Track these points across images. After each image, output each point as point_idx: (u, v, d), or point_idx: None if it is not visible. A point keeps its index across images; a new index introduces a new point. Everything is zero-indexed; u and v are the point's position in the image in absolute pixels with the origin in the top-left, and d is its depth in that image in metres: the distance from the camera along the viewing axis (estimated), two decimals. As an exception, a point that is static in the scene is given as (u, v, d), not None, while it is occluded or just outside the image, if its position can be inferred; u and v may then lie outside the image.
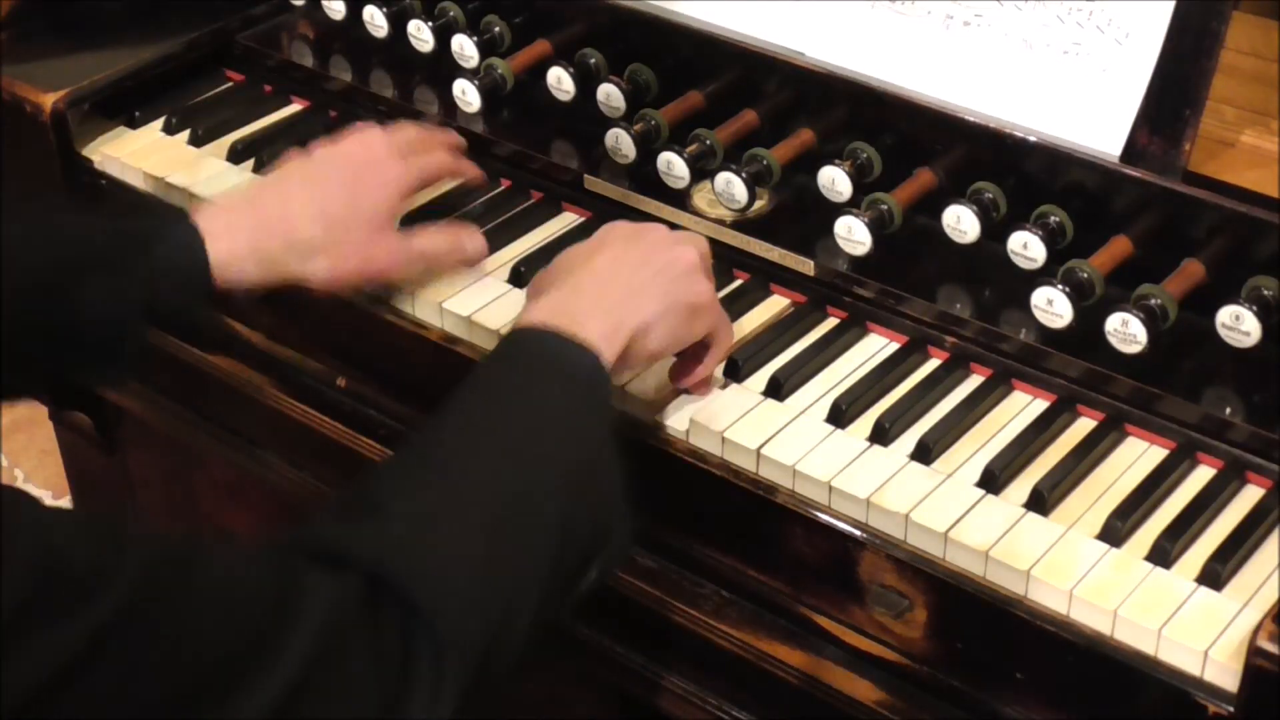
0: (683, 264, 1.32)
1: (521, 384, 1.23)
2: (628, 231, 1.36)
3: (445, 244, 1.49)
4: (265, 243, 1.39)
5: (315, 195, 1.42)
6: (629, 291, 1.29)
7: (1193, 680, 1.16)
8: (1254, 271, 1.32)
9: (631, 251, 1.33)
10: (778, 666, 1.35)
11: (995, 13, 1.46)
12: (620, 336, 1.26)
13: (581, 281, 1.30)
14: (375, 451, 1.56)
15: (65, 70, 1.74)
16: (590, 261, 1.32)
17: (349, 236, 1.41)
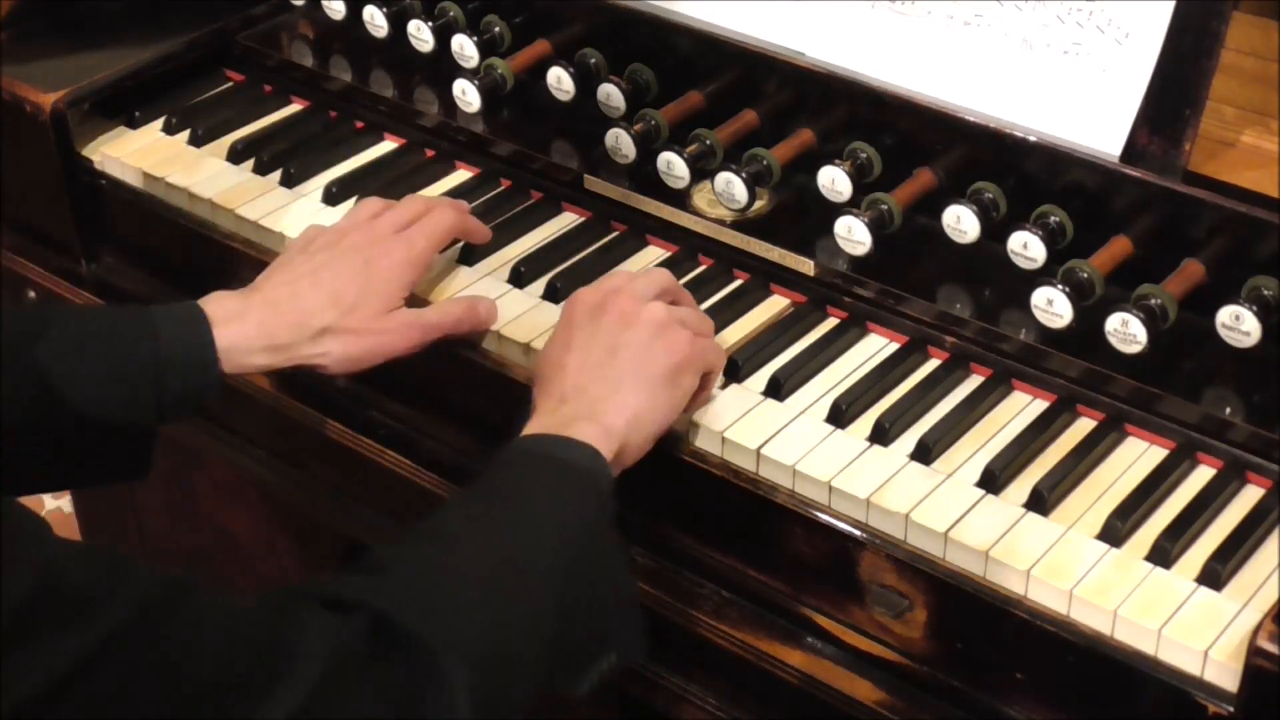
0: (649, 331, 1.32)
1: (519, 477, 1.24)
2: (588, 308, 1.35)
3: (456, 315, 1.45)
4: (275, 330, 1.37)
5: (324, 281, 1.40)
6: (608, 390, 1.29)
7: (1193, 680, 1.16)
8: (1254, 271, 1.32)
9: (596, 338, 1.32)
10: (778, 666, 1.35)
11: (995, 13, 1.46)
12: (613, 437, 1.27)
13: (563, 392, 1.30)
14: (375, 451, 1.56)
15: (65, 70, 1.74)
16: (563, 366, 1.32)
17: (361, 320, 1.39)
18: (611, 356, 1.31)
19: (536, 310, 1.49)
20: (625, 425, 1.28)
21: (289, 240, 1.58)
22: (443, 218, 1.49)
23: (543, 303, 1.50)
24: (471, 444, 1.52)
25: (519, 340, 1.45)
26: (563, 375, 1.31)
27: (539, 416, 1.30)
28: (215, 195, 1.65)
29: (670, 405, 1.32)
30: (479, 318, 1.46)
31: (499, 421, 1.50)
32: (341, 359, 1.40)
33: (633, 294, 1.35)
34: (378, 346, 1.40)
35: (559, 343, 1.34)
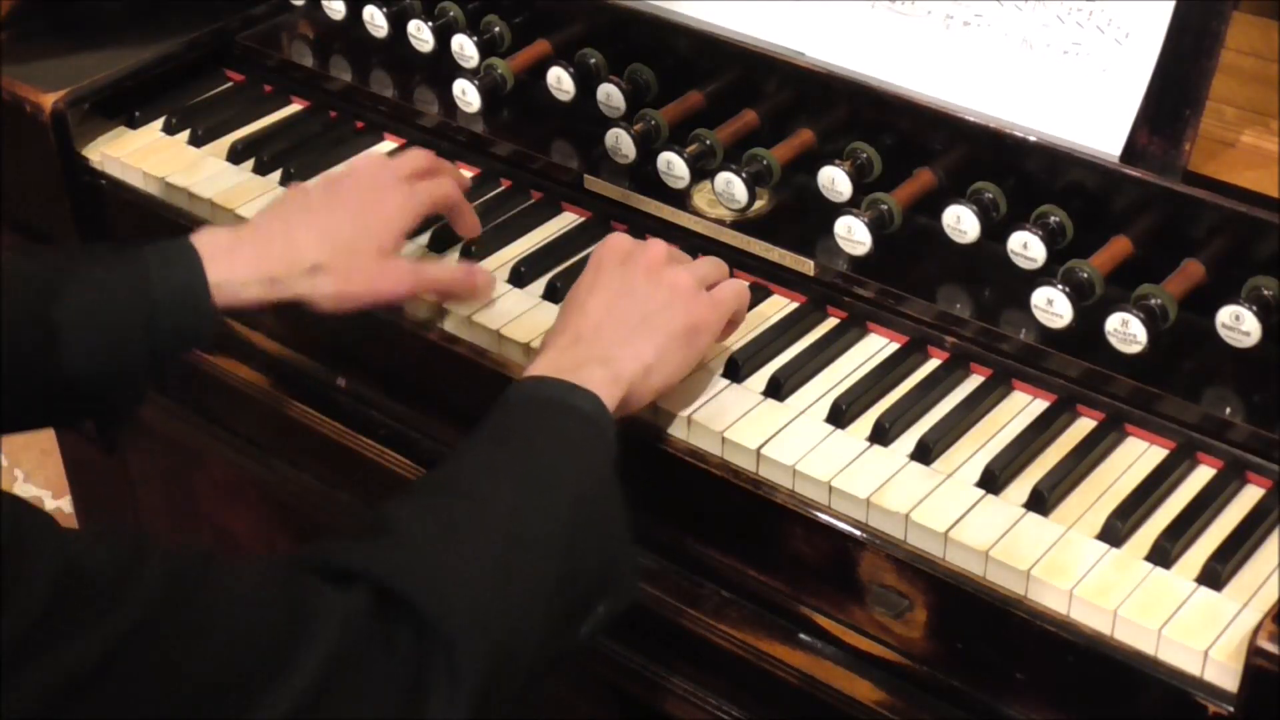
0: (673, 289, 1.34)
1: (526, 424, 1.25)
2: (619, 255, 1.37)
3: (452, 274, 1.48)
4: (268, 263, 1.38)
5: (319, 219, 1.41)
6: (624, 336, 1.31)
7: (1193, 680, 1.16)
8: (1254, 271, 1.32)
9: (623, 285, 1.34)
10: (778, 666, 1.35)
11: (995, 13, 1.46)
12: (620, 384, 1.28)
13: (580, 331, 1.31)
14: (375, 451, 1.56)
15: (65, 70, 1.74)
16: (584, 306, 1.33)
17: (355, 259, 1.40)
18: (632, 304, 1.33)
19: (536, 310, 1.49)
20: (634, 374, 1.29)
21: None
22: (447, 186, 1.51)
23: (543, 303, 1.50)
24: (471, 444, 1.52)
25: (519, 340, 1.45)
26: (582, 315, 1.33)
27: (550, 352, 1.30)
28: (215, 195, 1.65)
29: (681, 363, 1.33)
30: (474, 284, 1.48)
31: (499, 421, 1.50)
32: (333, 296, 1.40)
33: (665, 250, 1.38)
34: (369, 287, 1.41)
35: (585, 282, 1.36)
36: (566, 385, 1.26)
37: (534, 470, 1.20)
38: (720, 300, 1.37)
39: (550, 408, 1.25)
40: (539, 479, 1.20)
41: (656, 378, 1.32)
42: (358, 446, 1.58)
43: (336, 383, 1.61)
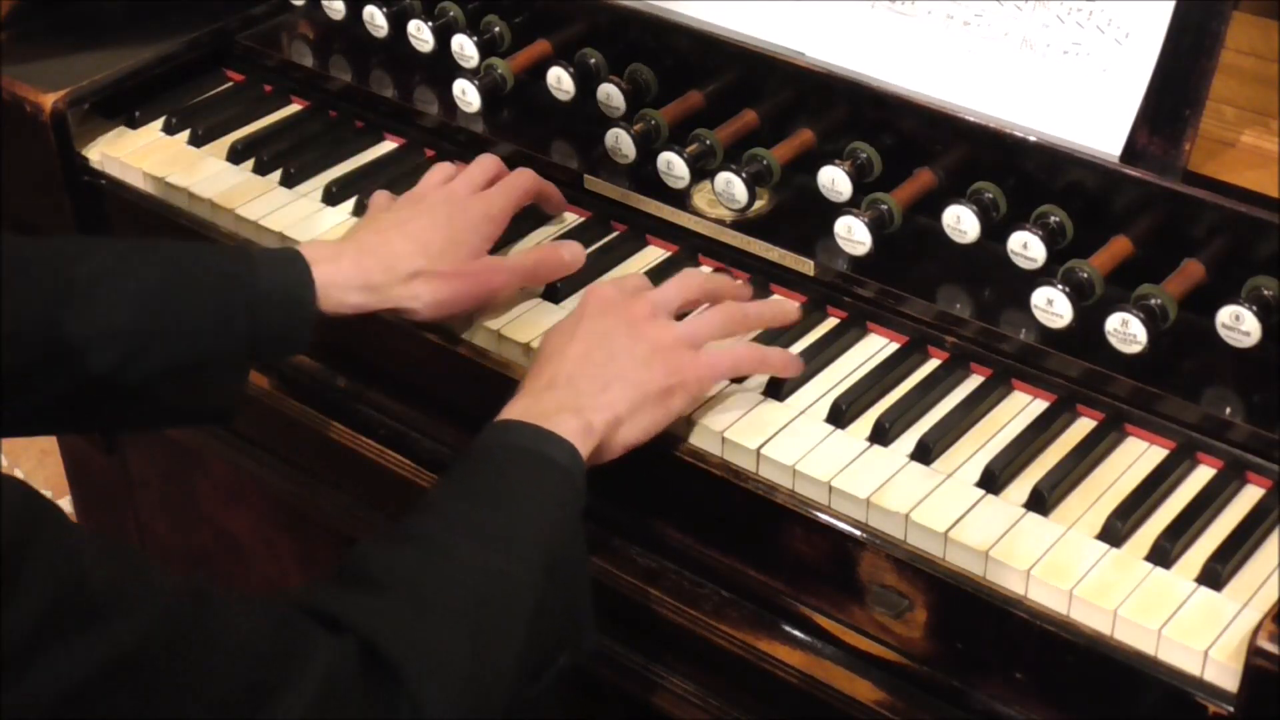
0: (653, 345, 1.33)
1: (501, 473, 1.26)
2: (604, 304, 1.37)
3: (538, 257, 1.50)
4: (369, 269, 1.42)
5: (412, 231, 1.45)
6: (598, 387, 1.31)
7: (1193, 680, 1.16)
8: (1254, 271, 1.32)
9: (603, 336, 1.34)
10: (778, 666, 1.35)
11: (995, 13, 1.46)
12: (593, 435, 1.28)
13: (554, 377, 1.31)
14: (375, 451, 1.56)
15: (65, 70, 1.74)
16: (563, 352, 1.33)
17: (448, 265, 1.44)
18: (610, 357, 1.32)
19: (536, 310, 1.49)
20: (605, 426, 1.29)
21: (288, 239, 1.59)
22: (521, 179, 1.55)
23: (543, 303, 1.50)
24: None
25: (519, 340, 1.45)
26: (559, 361, 1.33)
27: (523, 398, 1.31)
28: (215, 195, 1.65)
29: (653, 422, 1.33)
30: (561, 259, 1.50)
31: (499, 421, 1.50)
32: (431, 302, 1.44)
33: (651, 302, 1.38)
34: (465, 289, 1.45)
35: (565, 328, 1.37)
36: (541, 432, 1.26)
37: (510, 527, 1.21)
38: (709, 364, 1.35)
39: (525, 457, 1.25)
40: (515, 536, 1.21)
41: (627, 432, 1.31)
42: (358, 446, 1.58)
43: (336, 383, 1.61)
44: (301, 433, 1.63)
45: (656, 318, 1.37)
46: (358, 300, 1.42)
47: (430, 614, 1.14)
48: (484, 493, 1.24)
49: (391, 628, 1.12)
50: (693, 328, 1.38)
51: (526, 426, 1.27)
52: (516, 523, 1.22)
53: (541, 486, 1.25)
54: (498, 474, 1.25)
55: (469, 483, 1.26)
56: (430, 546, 1.19)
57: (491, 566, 1.18)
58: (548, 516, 1.23)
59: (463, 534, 1.20)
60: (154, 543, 2.13)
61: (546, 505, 1.24)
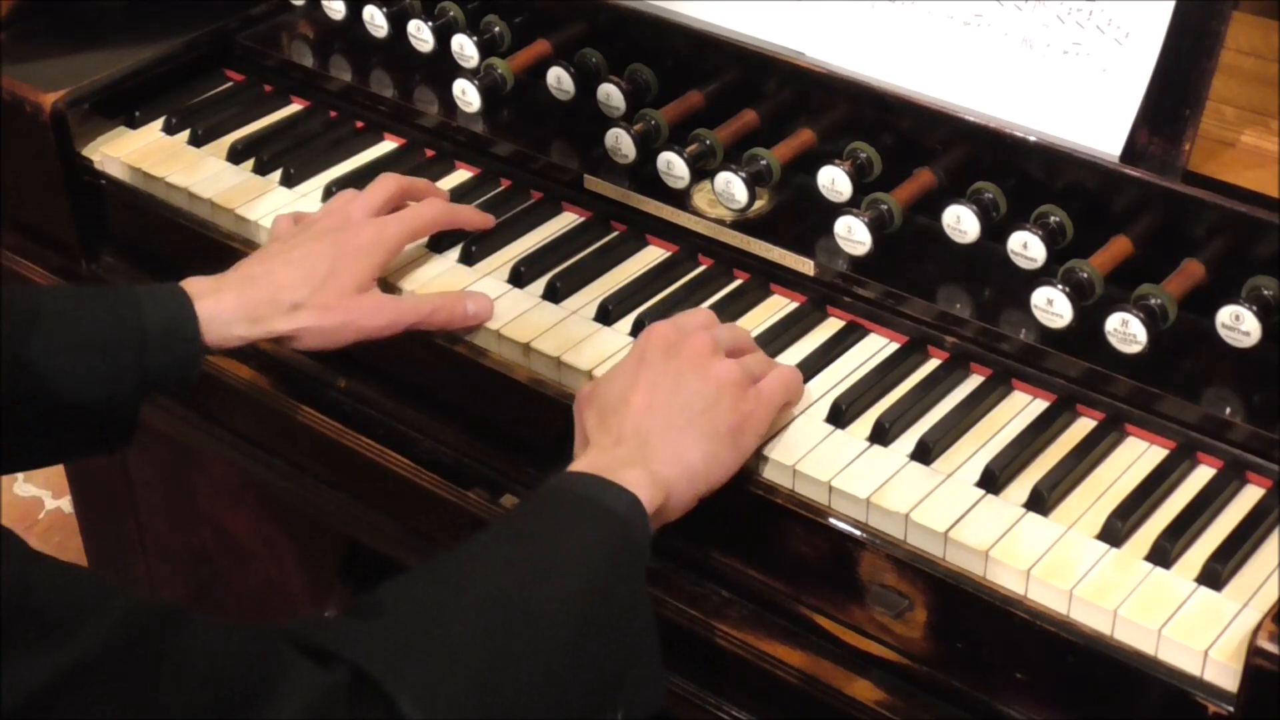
0: (720, 384, 1.30)
1: (549, 518, 1.21)
2: (664, 345, 1.32)
3: (434, 305, 1.47)
4: (251, 302, 1.42)
5: (296, 259, 1.45)
6: (671, 437, 1.26)
7: (1193, 680, 1.16)
8: (1254, 271, 1.32)
9: (669, 381, 1.29)
10: (778, 666, 1.35)
11: (995, 13, 1.46)
12: (660, 488, 1.24)
13: (622, 432, 1.27)
14: (375, 451, 1.56)
15: (65, 70, 1.74)
16: (629, 403, 1.29)
17: (332, 296, 1.43)
18: (677, 402, 1.28)
19: (536, 310, 1.49)
20: (676, 476, 1.25)
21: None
22: (425, 210, 1.54)
23: (543, 303, 1.50)
24: (471, 444, 1.52)
25: (519, 340, 1.45)
26: (625, 412, 1.28)
27: (592, 454, 1.27)
28: (215, 195, 1.65)
29: (727, 464, 1.29)
30: (461, 312, 1.47)
31: (499, 421, 1.50)
32: (315, 332, 1.43)
33: (712, 340, 1.34)
34: (349, 322, 1.44)
35: (627, 375, 1.32)
36: (603, 483, 1.22)
37: (549, 563, 1.16)
38: (768, 396, 1.32)
39: (580, 505, 1.21)
40: (549, 576, 1.15)
41: (700, 479, 1.27)
42: (358, 446, 1.58)
43: (336, 383, 1.61)
44: (301, 433, 1.63)
45: (718, 354, 1.33)
46: (242, 332, 1.42)
47: (432, 641, 1.09)
48: (524, 534, 1.20)
49: (385, 654, 1.06)
50: (749, 363, 1.34)
51: (589, 477, 1.22)
52: (553, 564, 1.16)
53: (590, 533, 1.19)
54: (543, 518, 1.21)
55: (512, 525, 1.22)
56: (447, 578, 1.15)
57: (513, 601, 1.13)
58: (591, 563, 1.17)
59: (489, 569, 1.15)
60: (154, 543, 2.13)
61: (592, 551, 1.18)
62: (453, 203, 1.59)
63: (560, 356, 1.43)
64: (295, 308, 1.43)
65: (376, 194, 1.53)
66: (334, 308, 1.43)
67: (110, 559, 2.24)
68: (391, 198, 1.53)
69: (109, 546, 2.22)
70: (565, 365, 1.43)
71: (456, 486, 1.51)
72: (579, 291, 1.51)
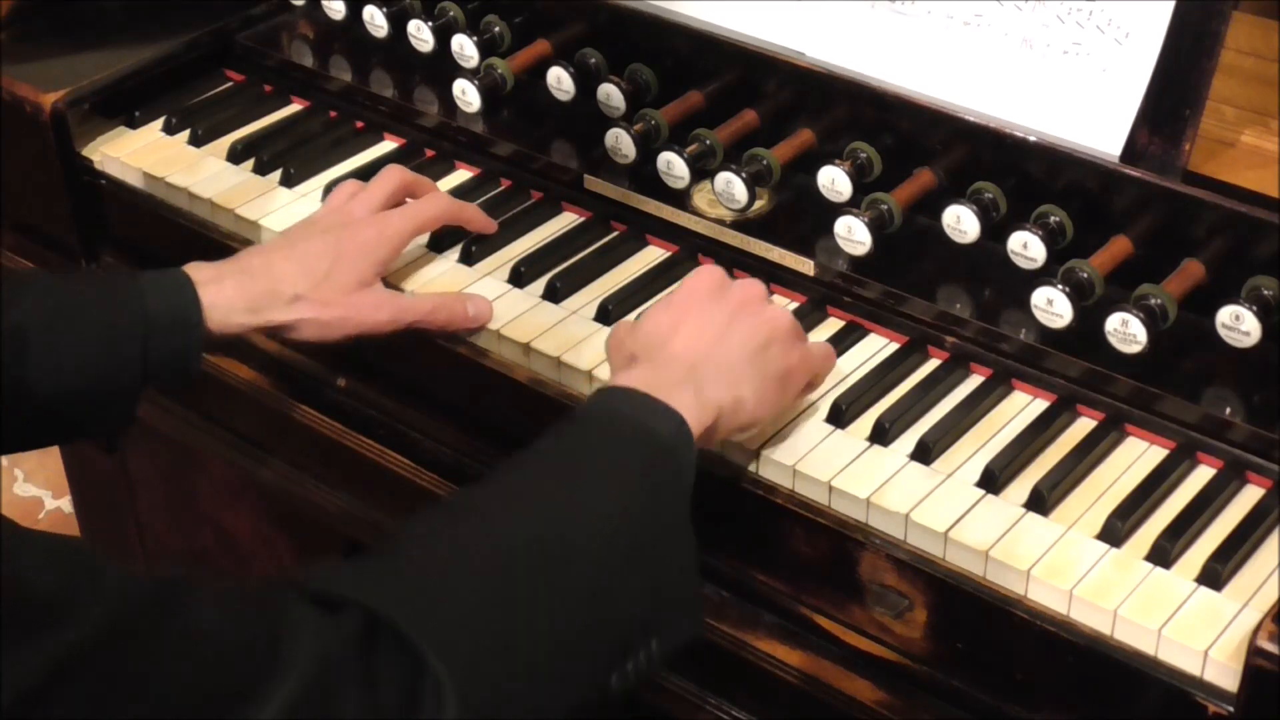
0: (771, 329, 1.30)
1: (587, 441, 1.19)
2: (713, 286, 1.33)
3: (434, 304, 1.47)
4: (252, 292, 1.42)
5: (297, 254, 1.45)
6: (720, 367, 1.26)
7: (1193, 680, 1.16)
8: (1254, 271, 1.32)
9: (724, 320, 1.30)
10: (777, 666, 1.35)
11: (995, 13, 1.46)
12: (709, 411, 1.23)
13: (674, 354, 1.26)
14: (375, 451, 1.56)
15: (65, 70, 1.74)
16: (677, 332, 1.28)
17: (332, 291, 1.44)
18: (726, 339, 1.28)
19: (536, 310, 1.49)
20: (725, 401, 1.24)
21: (289, 240, 1.59)
22: (429, 205, 1.53)
23: (543, 303, 1.50)
24: (471, 444, 1.52)
25: (519, 340, 1.45)
26: (674, 344, 1.28)
27: (642, 366, 1.25)
28: (215, 195, 1.65)
29: (773, 405, 1.30)
30: (461, 313, 1.47)
31: (499, 421, 1.50)
32: (313, 325, 1.44)
33: (759, 288, 1.36)
34: (348, 317, 1.44)
35: (673, 312, 1.31)
36: (650, 401, 1.19)
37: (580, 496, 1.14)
38: (816, 356, 1.34)
39: (622, 426, 1.19)
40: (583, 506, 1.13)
41: (746, 414, 1.27)
42: (358, 446, 1.58)
43: (336, 383, 1.61)
44: (301, 433, 1.63)
45: (766, 301, 1.34)
46: (242, 321, 1.42)
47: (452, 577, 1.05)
48: (561, 459, 1.17)
49: (398, 597, 1.02)
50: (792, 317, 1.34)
51: (636, 395, 1.20)
52: (590, 492, 1.14)
53: (633, 457, 1.17)
54: (584, 440, 1.18)
55: (550, 447, 1.18)
56: (469, 512, 1.13)
57: (543, 534, 1.10)
58: (631, 493, 1.15)
59: (516, 500, 1.13)
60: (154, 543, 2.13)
61: (633, 480, 1.16)
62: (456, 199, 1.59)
63: (560, 356, 1.43)
64: (295, 300, 1.43)
65: (380, 189, 1.53)
66: (334, 303, 1.43)
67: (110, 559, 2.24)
68: (395, 193, 1.53)
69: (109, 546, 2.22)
70: (565, 365, 1.43)
71: (457, 486, 1.51)
72: (579, 291, 1.51)
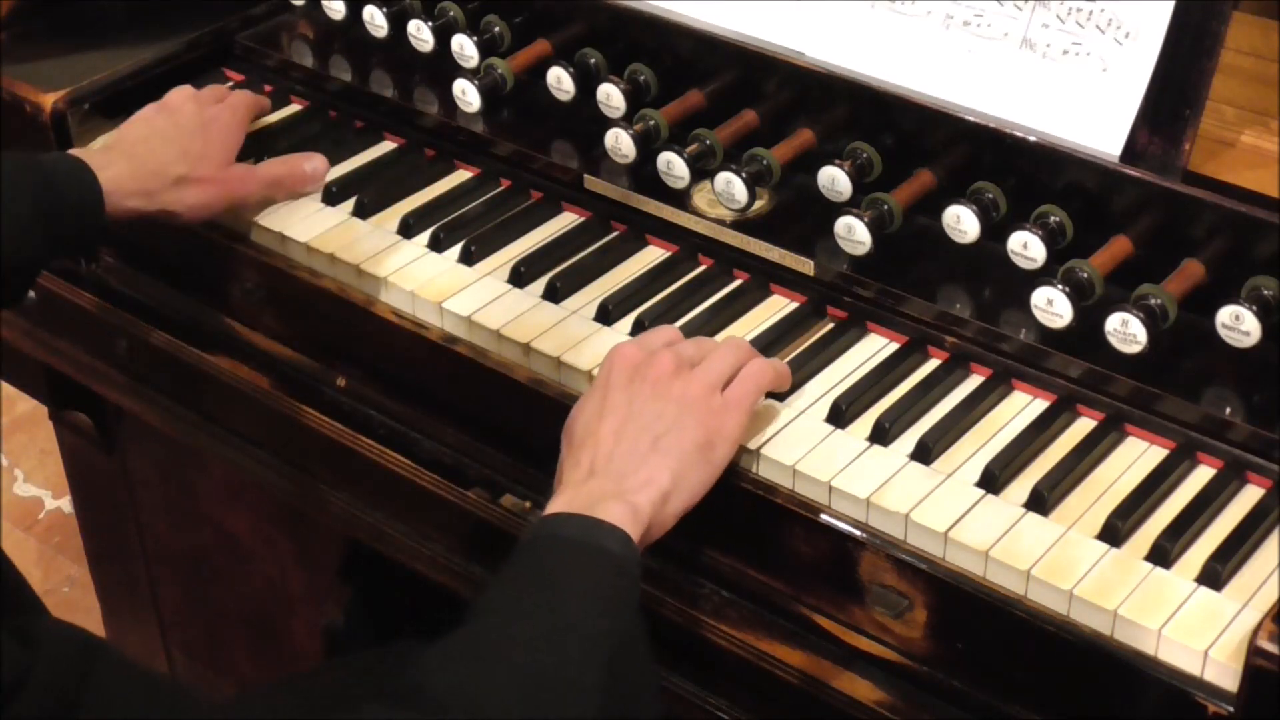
0: (685, 403, 1.29)
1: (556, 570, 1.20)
2: (626, 371, 1.31)
3: (285, 167, 1.64)
4: (141, 177, 1.55)
5: (173, 138, 1.59)
6: (637, 464, 1.26)
7: (1193, 680, 1.16)
8: (1254, 271, 1.32)
9: (631, 407, 1.29)
10: (778, 666, 1.35)
11: (995, 13, 1.46)
12: (641, 518, 1.23)
13: (593, 463, 1.27)
14: (375, 451, 1.56)
15: (65, 70, 1.74)
16: (596, 434, 1.29)
17: (208, 169, 1.59)
18: (642, 427, 1.28)
19: (536, 310, 1.49)
20: (652, 505, 1.25)
21: (288, 239, 1.59)
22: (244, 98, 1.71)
23: (543, 303, 1.50)
24: (471, 444, 1.52)
25: (519, 340, 1.45)
26: (594, 443, 1.28)
27: (566, 490, 1.27)
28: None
29: (700, 481, 1.29)
30: (303, 171, 1.64)
31: (499, 422, 1.50)
32: (196, 205, 1.58)
33: (674, 357, 1.32)
34: (222, 193, 1.60)
35: (595, 402, 1.31)
36: (591, 522, 1.21)
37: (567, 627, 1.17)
38: (736, 401, 1.31)
39: (578, 551, 1.20)
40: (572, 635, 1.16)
41: (675, 503, 1.27)
42: (358, 446, 1.58)
43: (336, 383, 1.61)
44: (301, 433, 1.63)
45: (680, 373, 1.31)
46: (134, 205, 1.54)
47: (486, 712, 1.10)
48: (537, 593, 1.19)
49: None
50: (713, 371, 1.33)
51: (574, 518, 1.22)
52: (573, 622, 1.17)
53: (597, 580, 1.20)
54: (550, 572, 1.20)
55: (521, 584, 1.21)
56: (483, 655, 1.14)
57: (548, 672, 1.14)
58: (606, 610, 1.18)
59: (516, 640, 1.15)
60: (154, 543, 2.12)
61: (603, 598, 1.19)
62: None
63: (560, 356, 1.43)
64: (179, 181, 1.56)
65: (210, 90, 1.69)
66: (210, 182, 1.58)
67: (110, 559, 2.24)
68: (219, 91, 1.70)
69: (109, 546, 2.22)
70: (565, 365, 1.43)
71: (456, 486, 1.51)
72: (579, 291, 1.51)
